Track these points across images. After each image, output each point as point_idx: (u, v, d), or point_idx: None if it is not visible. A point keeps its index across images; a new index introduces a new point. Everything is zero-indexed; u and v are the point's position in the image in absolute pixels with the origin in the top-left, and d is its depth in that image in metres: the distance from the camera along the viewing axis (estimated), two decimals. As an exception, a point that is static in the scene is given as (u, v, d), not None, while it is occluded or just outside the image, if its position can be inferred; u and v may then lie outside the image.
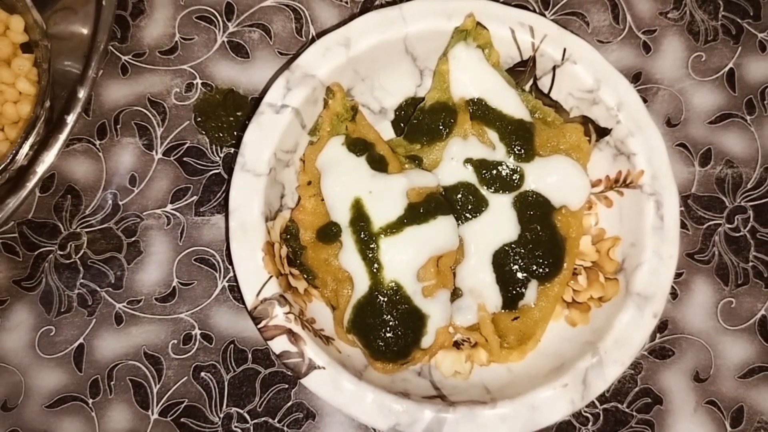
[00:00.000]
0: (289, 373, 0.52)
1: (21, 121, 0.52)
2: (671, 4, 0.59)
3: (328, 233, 0.50)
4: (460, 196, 0.51)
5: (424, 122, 0.52)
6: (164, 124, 0.56)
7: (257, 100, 0.54)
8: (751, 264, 0.56)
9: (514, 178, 0.51)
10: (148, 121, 0.56)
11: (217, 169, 0.56)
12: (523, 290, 0.51)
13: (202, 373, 0.53)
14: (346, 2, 0.58)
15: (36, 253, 0.54)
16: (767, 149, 0.57)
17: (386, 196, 0.50)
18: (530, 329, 0.51)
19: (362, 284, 0.49)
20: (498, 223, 0.51)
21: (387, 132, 0.55)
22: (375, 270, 0.49)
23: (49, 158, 0.47)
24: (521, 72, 0.53)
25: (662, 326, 0.55)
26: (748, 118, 0.58)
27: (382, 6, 0.58)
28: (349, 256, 0.49)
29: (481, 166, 0.51)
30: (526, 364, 0.51)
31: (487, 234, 0.51)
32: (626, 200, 0.52)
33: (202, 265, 0.54)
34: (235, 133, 0.56)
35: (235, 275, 0.48)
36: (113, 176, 0.55)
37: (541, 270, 0.51)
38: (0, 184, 0.49)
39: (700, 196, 0.57)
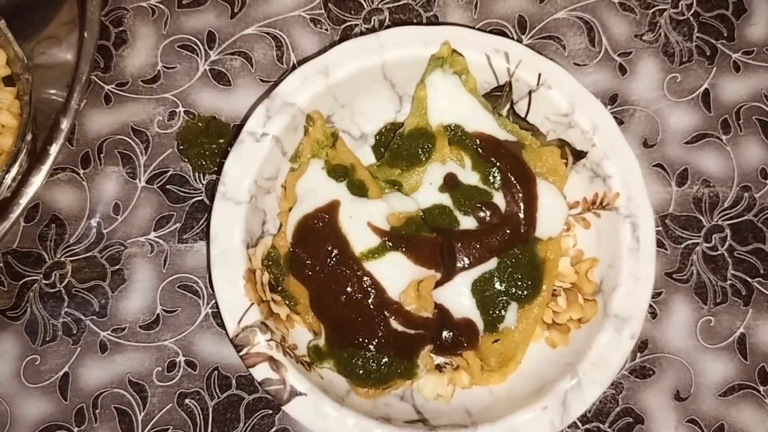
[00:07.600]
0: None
1: (3, 153, 0.52)
2: (646, 26, 0.60)
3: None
4: (439, 220, 0.52)
5: (403, 148, 0.53)
6: (147, 152, 0.56)
7: (239, 127, 0.55)
8: (729, 282, 0.56)
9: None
10: (132, 150, 0.56)
11: (200, 196, 0.56)
12: (503, 313, 0.51)
13: (187, 400, 0.53)
14: (326, 30, 0.59)
15: (21, 282, 0.54)
16: (743, 168, 0.58)
17: (366, 221, 0.50)
18: (511, 351, 0.51)
19: (343, 310, 0.49)
20: (477, 247, 0.51)
21: (368, 157, 0.56)
22: (356, 296, 0.49)
23: (32, 189, 0.47)
24: (498, 97, 0.54)
25: (642, 346, 0.55)
26: (723, 137, 0.58)
27: (361, 34, 0.59)
28: (329, 282, 0.50)
29: (459, 191, 0.52)
30: (507, 386, 0.51)
31: (466, 258, 0.51)
32: (603, 222, 0.52)
33: (186, 292, 0.55)
34: (217, 160, 0.56)
35: (216, 303, 0.49)
36: (97, 205, 0.56)
37: (520, 292, 0.51)
38: (-17, 216, 0.49)
39: (678, 216, 0.57)
